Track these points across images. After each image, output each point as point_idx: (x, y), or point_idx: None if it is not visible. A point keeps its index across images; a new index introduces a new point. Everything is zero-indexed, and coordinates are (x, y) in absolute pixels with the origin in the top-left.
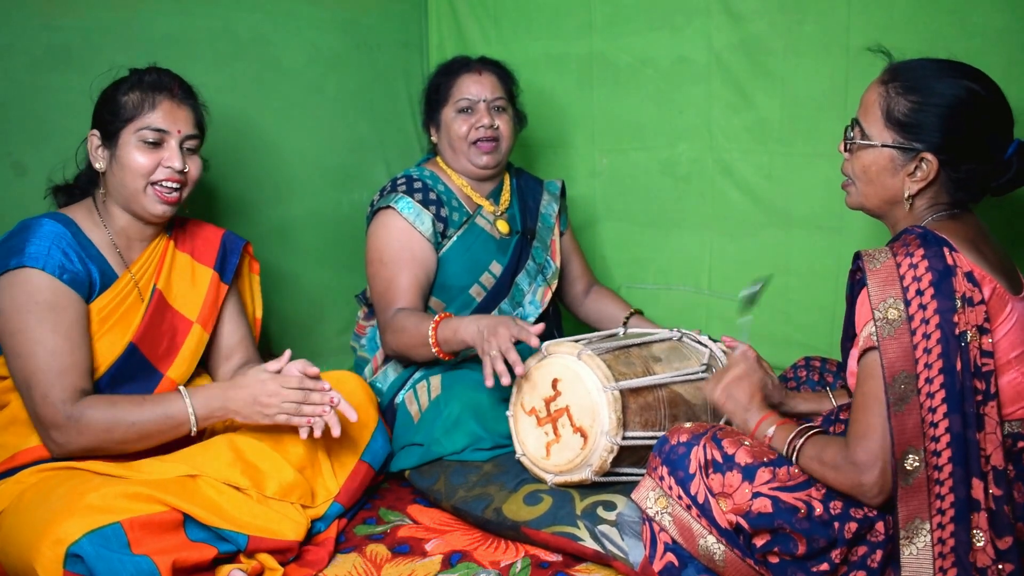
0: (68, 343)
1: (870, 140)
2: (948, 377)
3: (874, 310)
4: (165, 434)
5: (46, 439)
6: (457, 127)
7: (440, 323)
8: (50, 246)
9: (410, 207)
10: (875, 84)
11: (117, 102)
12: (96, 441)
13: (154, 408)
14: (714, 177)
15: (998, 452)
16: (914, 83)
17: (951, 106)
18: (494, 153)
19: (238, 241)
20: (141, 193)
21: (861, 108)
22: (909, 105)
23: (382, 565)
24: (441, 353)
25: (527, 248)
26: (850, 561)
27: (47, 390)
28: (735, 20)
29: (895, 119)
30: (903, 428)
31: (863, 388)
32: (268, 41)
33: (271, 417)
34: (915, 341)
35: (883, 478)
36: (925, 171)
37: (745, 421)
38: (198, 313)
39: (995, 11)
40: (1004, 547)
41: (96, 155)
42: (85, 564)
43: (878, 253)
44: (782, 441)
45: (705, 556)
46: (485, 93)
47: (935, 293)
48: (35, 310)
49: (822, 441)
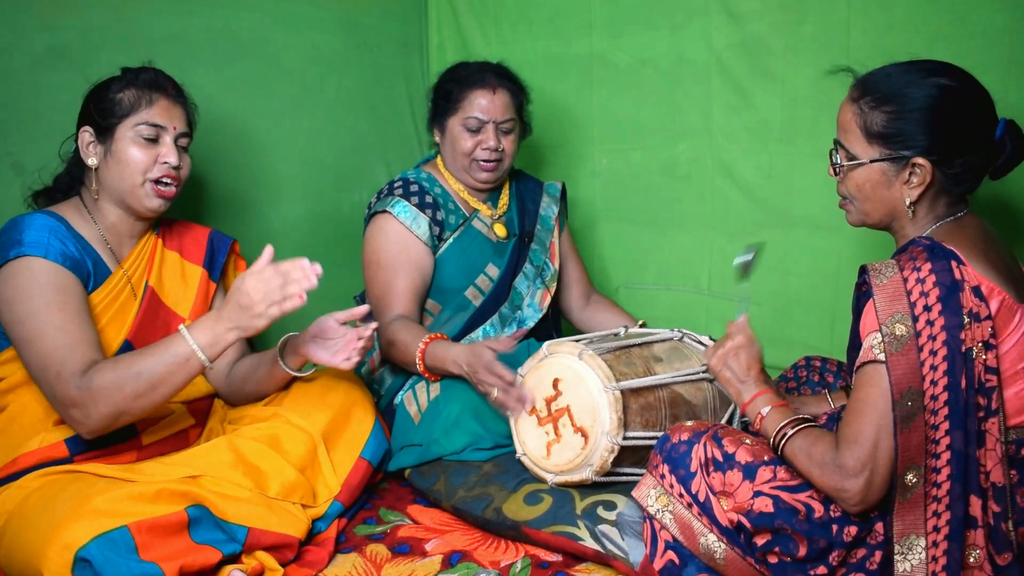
0: (77, 319)
1: (857, 159)
2: (952, 394)
3: (881, 325)
4: (177, 375)
5: (70, 422)
6: (463, 143)
7: (427, 349)
8: (48, 236)
9: (407, 211)
10: (847, 103)
11: (111, 99)
12: (112, 404)
13: (156, 352)
14: (714, 177)
15: (998, 468)
16: (885, 93)
17: (928, 108)
18: (495, 172)
19: (225, 239)
20: (138, 188)
21: (839, 129)
22: (886, 116)
23: (382, 565)
24: (429, 376)
25: (525, 251)
26: (849, 563)
27: (60, 367)
28: (735, 20)
29: (875, 133)
30: (908, 446)
31: (859, 394)
32: (268, 41)
33: (265, 314)
34: (922, 358)
35: (867, 488)
36: (921, 175)
37: (740, 392)
38: (190, 310)
39: (995, 11)
40: (1003, 563)
41: (88, 151)
42: (93, 569)
43: (884, 267)
44: (774, 424)
45: (706, 554)
46: (496, 114)
47: (943, 309)
48: (40, 294)
49: (814, 435)
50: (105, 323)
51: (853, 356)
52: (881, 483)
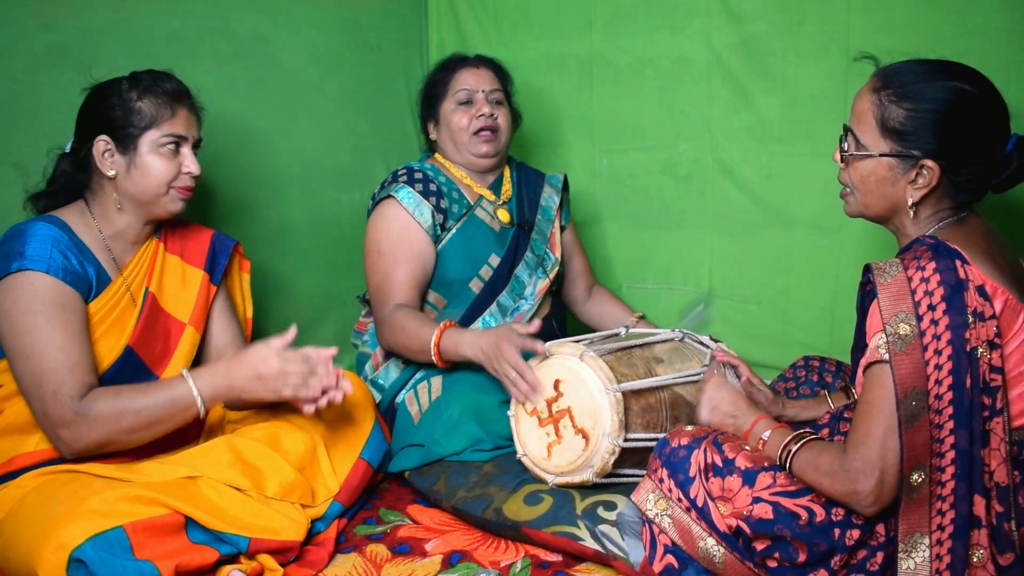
0: (78, 339)
1: (867, 150)
2: (957, 393)
3: (886, 325)
4: (174, 418)
5: (55, 440)
6: (457, 119)
7: (444, 333)
8: (51, 248)
9: (410, 197)
10: (866, 92)
11: (131, 108)
12: (105, 434)
13: (159, 393)
14: (714, 177)
15: (1002, 468)
16: (907, 89)
17: (946, 111)
18: (494, 142)
19: (228, 242)
20: (162, 196)
21: (853, 116)
22: (904, 112)
23: (382, 565)
24: (440, 362)
25: (525, 240)
26: (850, 564)
27: (58, 387)
28: (735, 20)
29: (891, 128)
30: (913, 445)
31: (866, 396)
32: (268, 41)
33: (277, 391)
34: (927, 357)
35: (879, 488)
36: (927, 178)
37: (738, 428)
38: (190, 315)
39: (995, 11)
40: (1006, 563)
41: (105, 160)
42: (88, 569)
43: (888, 266)
44: (776, 446)
45: (705, 558)
46: (483, 85)
47: (947, 308)
48: (42, 310)
49: (819, 446)
50: (105, 330)
51: (858, 357)
52: (893, 482)
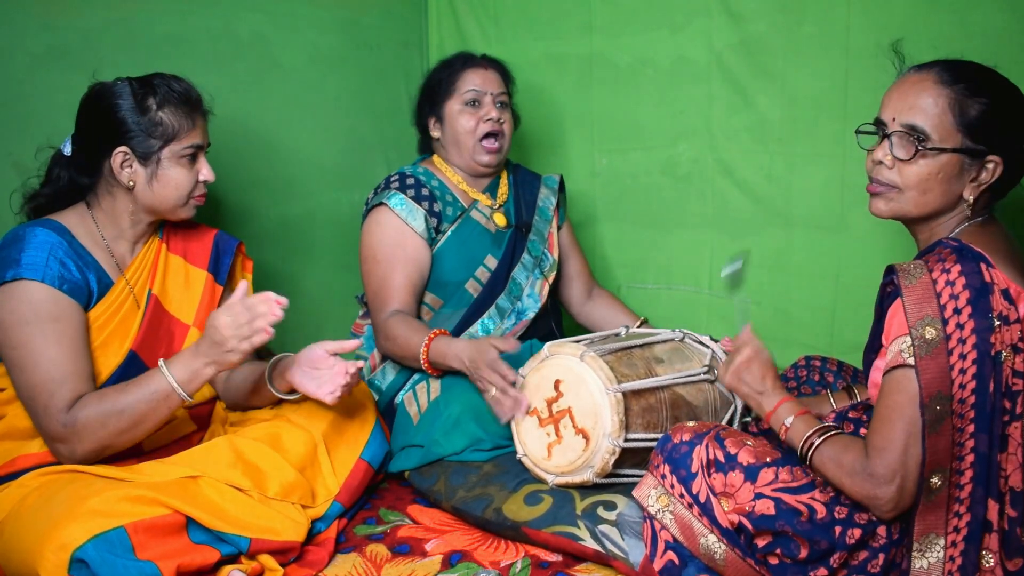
0: (71, 353)
1: (939, 145)
2: (980, 397)
3: (911, 328)
4: (158, 411)
5: (54, 453)
6: (464, 121)
7: (431, 343)
8: (48, 256)
9: (403, 203)
10: (934, 85)
11: (152, 119)
12: (96, 440)
13: (138, 390)
14: (714, 177)
15: (1017, 473)
16: (980, 84)
17: (1015, 108)
18: (497, 153)
19: (231, 241)
20: (180, 206)
21: (912, 111)
22: (981, 107)
23: (382, 565)
24: (431, 371)
25: (522, 241)
26: (851, 565)
27: (48, 401)
28: (735, 20)
29: (969, 121)
30: (935, 449)
31: (887, 400)
32: (268, 41)
33: (237, 349)
34: (952, 361)
35: (899, 494)
36: (990, 173)
37: (760, 404)
38: (194, 316)
39: (995, 11)
40: (1014, 568)
41: (123, 173)
42: (89, 569)
43: (913, 268)
44: (800, 435)
45: (706, 555)
46: (491, 87)
47: (972, 312)
48: (36, 322)
49: (843, 443)
50: (109, 335)
51: (870, 357)
52: (913, 488)
